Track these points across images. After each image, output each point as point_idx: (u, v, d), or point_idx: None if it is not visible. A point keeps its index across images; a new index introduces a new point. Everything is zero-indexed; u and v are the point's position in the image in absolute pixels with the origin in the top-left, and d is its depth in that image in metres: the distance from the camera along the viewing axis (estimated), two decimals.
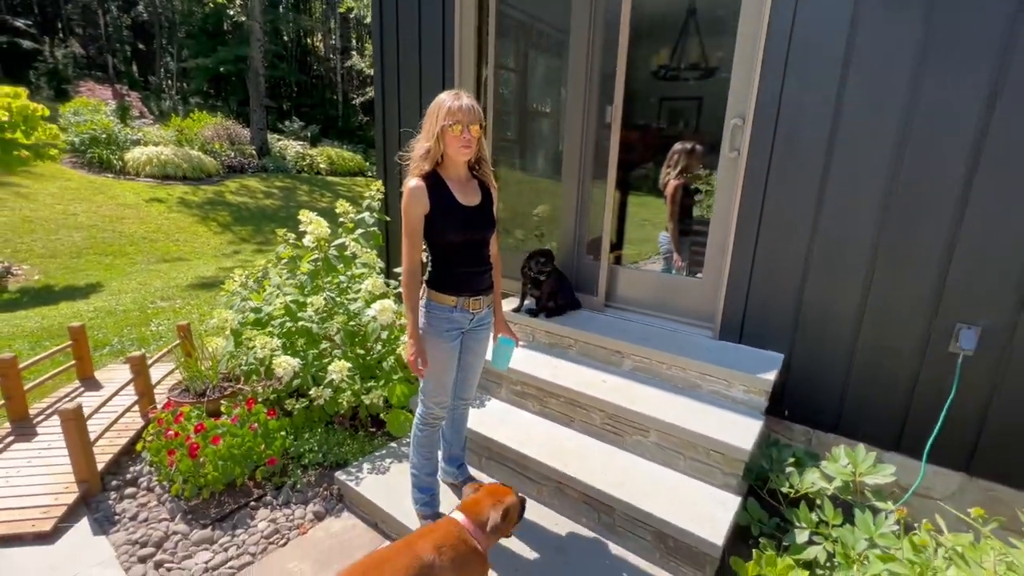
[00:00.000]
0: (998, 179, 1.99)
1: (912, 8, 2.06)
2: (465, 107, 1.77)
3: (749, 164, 2.53)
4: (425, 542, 1.54)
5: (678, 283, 3.12)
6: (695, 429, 2.22)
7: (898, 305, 2.26)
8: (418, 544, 1.54)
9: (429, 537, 1.57)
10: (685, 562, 1.98)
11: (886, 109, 2.16)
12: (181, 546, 2.19)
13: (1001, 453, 2.12)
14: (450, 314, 1.92)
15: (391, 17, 3.92)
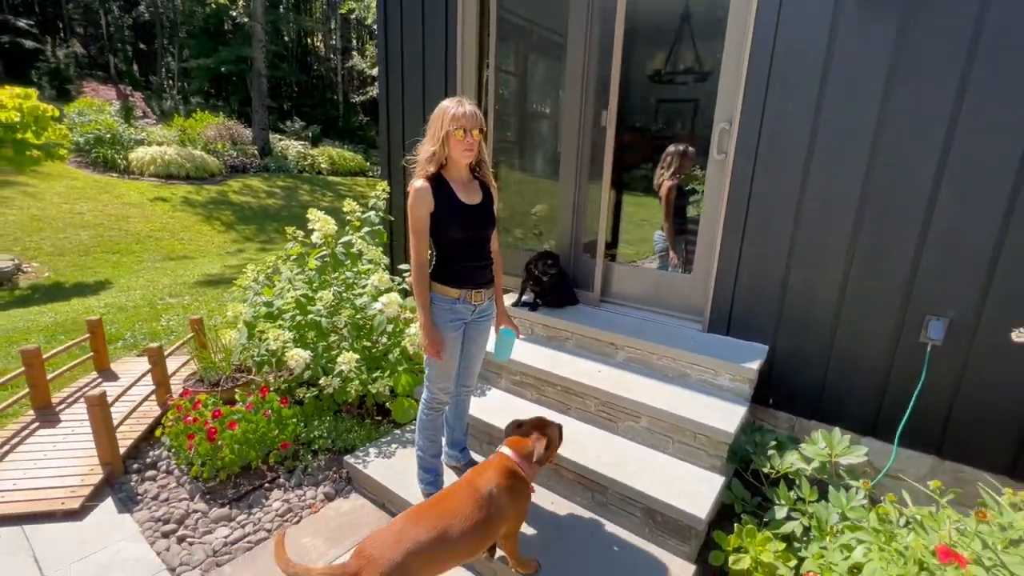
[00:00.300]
0: (963, 181, 2.15)
1: (885, 22, 2.21)
2: (468, 113, 1.92)
3: (735, 166, 2.68)
4: (481, 478, 1.80)
5: (670, 279, 3.27)
6: (683, 414, 2.37)
7: (872, 298, 2.41)
8: (476, 480, 1.80)
9: (484, 474, 1.83)
10: (672, 536, 2.13)
11: (861, 116, 2.31)
12: (201, 523, 2.34)
13: (967, 437, 2.28)
14: (453, 305, 2.07)
15: (395, 26, 4.07)
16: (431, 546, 1.56)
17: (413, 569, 1.52)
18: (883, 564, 1.60)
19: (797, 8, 2.39)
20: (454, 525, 1.63)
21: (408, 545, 1.53)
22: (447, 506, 1.69)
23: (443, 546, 1.59)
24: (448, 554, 1.64)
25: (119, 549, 2.18)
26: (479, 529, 1.67)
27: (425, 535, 1.57)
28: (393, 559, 1.48)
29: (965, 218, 2.17)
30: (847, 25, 2.29)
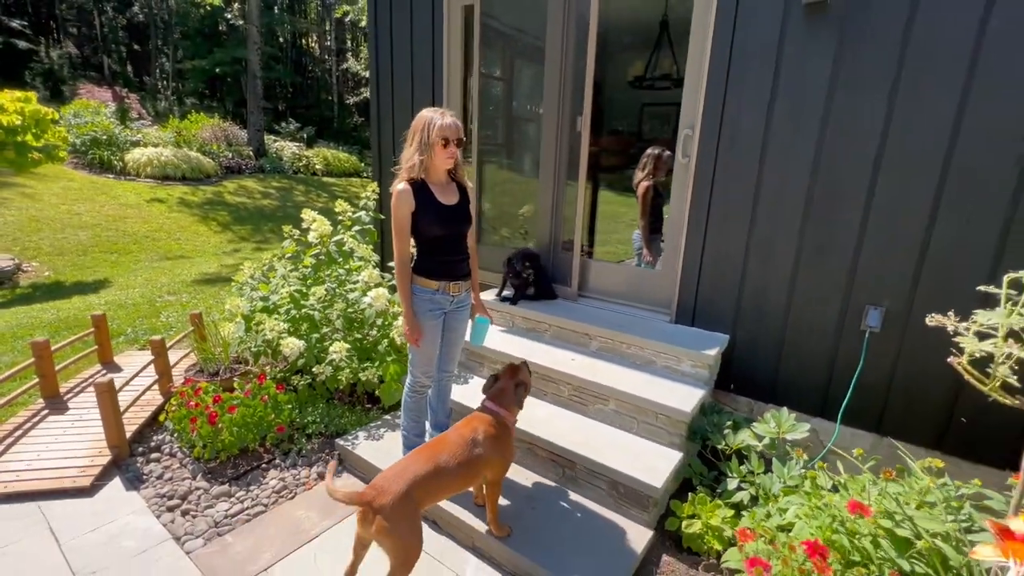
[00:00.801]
0: (895, 181, 2.37)
1: (827, 37, 2.43)
2: (451, 125, 2.14)
3: (698, 169, 2.91)
4: (467, 427, 2.09)
5: (641, 274, 3.49)
6: (647, 397, 2.59)
7: (819, 290, 2.63)
8: (463, 428, 2.09)
9: (471, 423, 2.12)
10: (633, 505, 2.34)
11: (806, 122, 2.54)
12: (203, 499, 2.54)
13: (901, 415, 2.50)
14: (433, 296, 2.28)
15: (385, 35, 4.28)
16: (428, 478, 1.87)
17: (415, 496, 1.82)
18: (807, 520, 1.82)
19: (750, 24, 2.62)
20: (447, 462, 1.94)
21: (410, 478, 1.83)
22: (441, 448, 1.99)
23: (438, 479, 1.91)
24: (442, 485, 1.94)
25: (128, 521, 2.37)
26: (467, 466, 1.98)
27: (423, 470, 1.87)
28: (399, 488, 1.78)
29: (898, 215, 2.39)
30: (793, 40, 2.52)
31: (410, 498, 1.80)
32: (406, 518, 1.79)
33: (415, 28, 4.10)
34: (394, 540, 1.77)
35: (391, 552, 1.79)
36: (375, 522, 1.74)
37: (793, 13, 2.49)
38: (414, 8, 4.07)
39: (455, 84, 4.05)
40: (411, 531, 1.82)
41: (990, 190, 2.19)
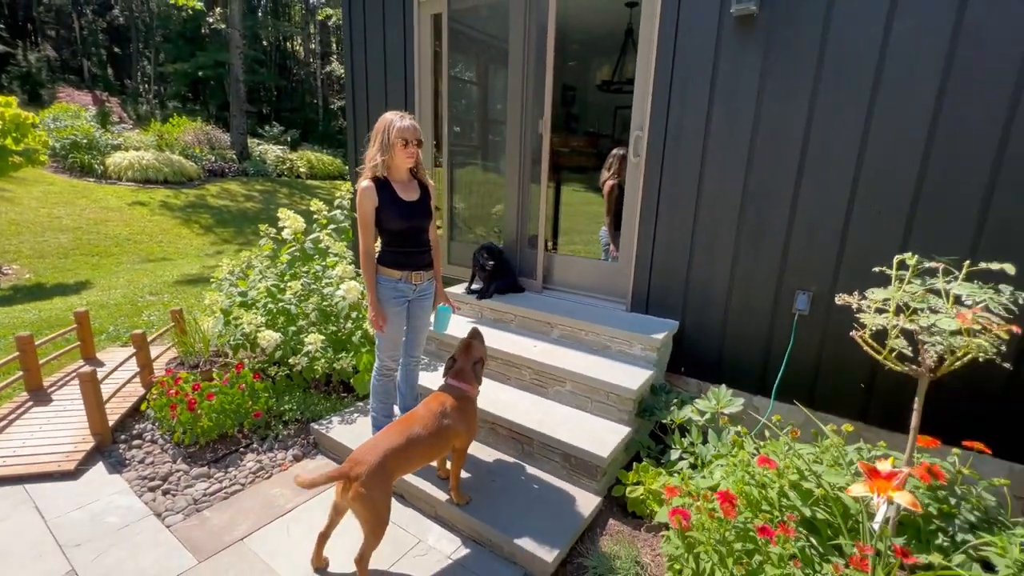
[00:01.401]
0: (816, 178, 2.62)
1: (754, 50, 2.68)
2: (409, 127, 2.33)
3: (647, 168, 3.14)
4: (434, 402, 2.31)
5: (601, 267, 3.72)
6: (600, 378, 2.80)
7: (755, 277, 2.87)
8: (431, 403, 2.30)
9: (436, 398, 2.33)
10: (583, 475, 2.55)
11: (739, 126, 2.78)
12: (183, 479, 2.69)
13: (828, 390, 2.75)
14: (396, 285, 2.47)
15: (360, 42, 4.47)
16: (400, 450, 2.06)
17: (390, 467, 2.01)
18: (728, 478, 2.05)
19: (688, 37, 2.86)
20: (418, 434, 2.15)
21: (384, 449, 2.02)
22: (412, 422, 2.20)
23: (410, 449, 2.10)
24: (414, 455, 2.14)
25: (111, 500, 2.52)
26: (436, 436, 2.20)
27: (396, 442, 2.07)
28: (374, 459, 1.97)
29: (820, 209, 2.64)
30: (727, 52, 2.76)
31: (384, 468, 1.98)
32: (380, 486, 1.96)
33: (387, 35, 4.29)
34: (367, 506, 1.94)
35: (364, 518, 1.96)
36: (352, 489, 1.91)
37: (726, 27, 2.74)
38: (386, 16, 4.26)
39: (426, 88, 4.25)
40: (383, 499, 1.99)
41: (897, 186, 2.44)
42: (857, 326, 1.94)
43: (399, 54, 4.25)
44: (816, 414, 2.82)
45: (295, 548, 2.25)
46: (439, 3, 3.91)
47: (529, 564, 2.15)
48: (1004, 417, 2.36)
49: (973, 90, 2.23)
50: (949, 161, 2.32)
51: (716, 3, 2.75)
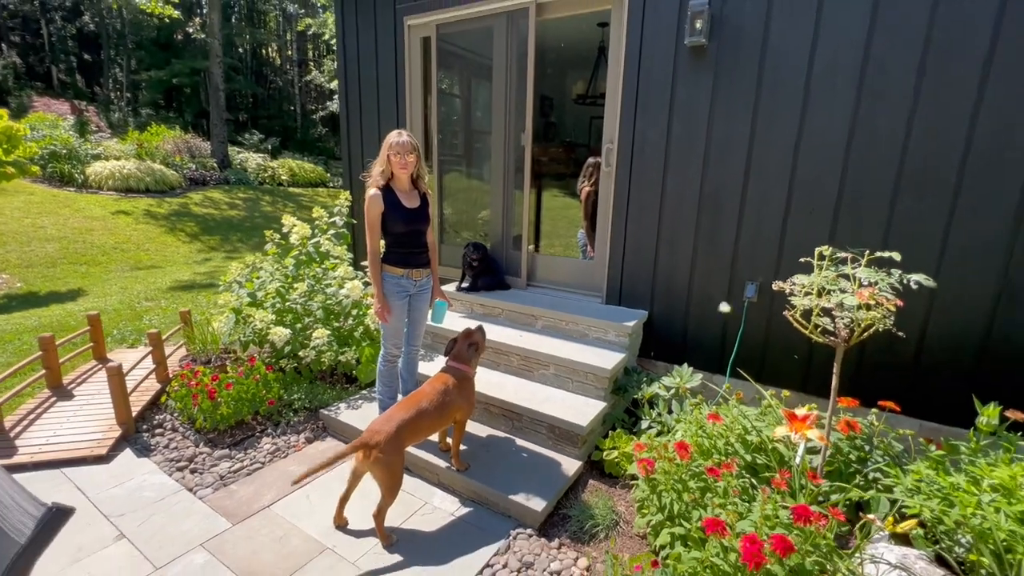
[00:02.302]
0: (760, 186, 3.07)
1: (705, 72, 3.12)
2: (403, 142, 2.70)
3: (617, 176, 3.56)
4: (438, 380, 2.68)
5: (579, 265, 4.12)
6: (579, 360, 3.20)
7: (712, 270, 3.31)
8: (435, 381, 2.67)
9: (439, 377, 2.70)
10: (567, 443, 2.93)
11: (695, 138, 3.22)
12: (207, 460, 2.99)
13: (775, 366, 3.19)
14: (399, 281, 2.83)
15: (353, 62, 4.81)
16: (411, 421, 2.41)
17: (403, 435, 2.36)
18: (685, 434, 2.45)
19: (650, 62, 3.29)
20: (425, 407, 2.51)
21: (397, 421, 2.37)
22: (420, 398, 2.56)
23: (419, 420, 2.46)
24: (422, 426, 2.49)
25: (144, 479, 2.80)
26: (441, 408, 2.56)
27: (407, 414, 2.43)
28: (390, 429, 2.32)
29: (763, 211, 3.09)
30: (683, 75, 3.20)
31: (399, 436, 2.34)
32: (395, 452, 2.32)
33: (379, 55, 4.64)
34: (384, 469, 2.29)
35: (382, 479, 2.31)
36: (372, 455, 2.26)
37: (681, 55, 3.18)
38: (378, 39, 4.62)
39: (416, 103, 4.61)
40: (398, 462, 2.34)
41: (824, 190, 2.91)
42: (789, 307, 2.38)
43: (391, 73, 4.61)
44: (764, 387, 3.27)
45: (316, 512, 2.58)
46: (428, 28, 4.28)
47: (522, 516, 2.51)
48: (913, 382, 2.83)
49: (878, 110, 2.71)
50: (863, 169, 2.79)
51: (672, 35, 3.19)
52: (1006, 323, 2.58)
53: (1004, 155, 2.48)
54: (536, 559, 2.28)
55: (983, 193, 2.55)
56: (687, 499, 2.10)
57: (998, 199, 2.52)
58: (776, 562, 1.73)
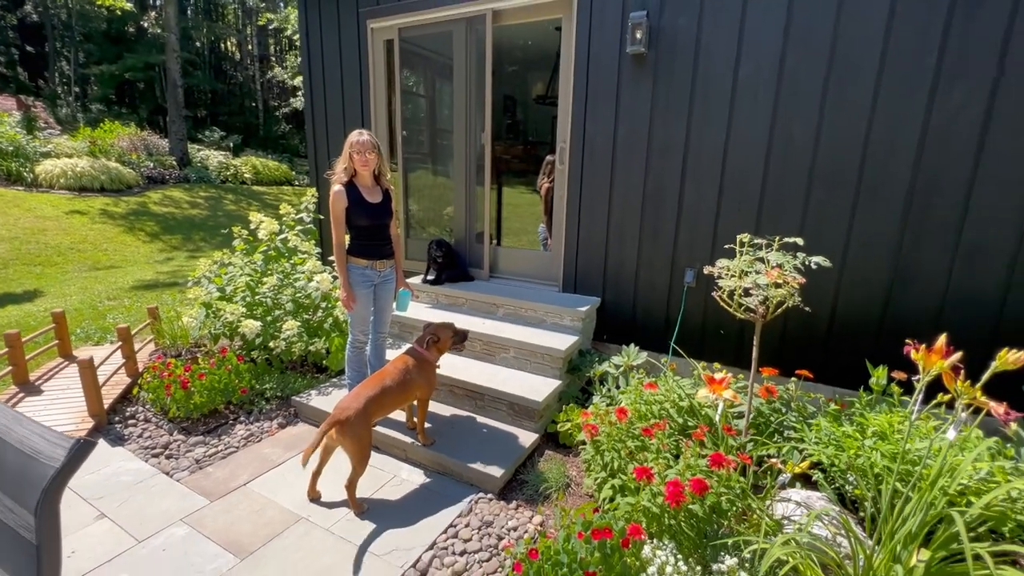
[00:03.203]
0: (696, 183, 3.41)
1: (647, 79, 3.43)
2: (363, 141, 2.90)
3: (570, 174, 3.84)
4: (400, 360, 2.90)
5: (538, 256, 4.40)
6: (536, 343, 3.47)
7: (655, 260, 3.63)
8: (396, 362, 2.89)
9: (401, 358, 2.91)
10: (525, 418, 3.20)
11: (638, 142, 3.53)
12: (182, 447, 3.11)
13: (713, 344, 3.54)
14: (364, 271, 3.04)
15: (317, 62, 4.93)
16: (377, 396, 2.63)
17: (371, 410, 2.57)
18: (628, 402, 2.75)
19: (597, 67, 3.58)
20: (388, 384, 2.73)
21: (364, 397, 2.58)
22: (383, 376, 2.77)
23: (383, 396, 2.67)
24: (387, 400, 2.70)
25: (120, 465, 2.92)
26: (403, 385, 2.79)
27: (372, 391, 2.63)
28: (357, 405, 2.53)
29: (699, 205, 3.43)
30: (626, 79, 3.50)
31: (366, 411, 2.55)
32: (364, 426, 2.53)
33: (343, 56, 4.79)
34: (354, 442, 2.50)
35: (352, 451, 2.52)
36: (343, 431, 2.46)
37: (625, 62, 3.48)
38: (342, 40, 4.76)
39: (380, 102, 4.77)
40: (367, 435, 2.56)
41: (750, 185, 3.26)
42: (718, 290, 2.70)
43: (355, 73, 4.76)
44: (704, 362, 3.62)
45: (291, 488, 2.76)
46: (390, 31, 4.46)
47: (483, 483, 2.76)
48: (825, 354, 3.22)
49: (793, 116, 3.07)
50: (782, 166, 3.15)
51: (616, 43, 3.49)
52: (898, 301, 2.99)
53: (892, 156, 2.87)
54: (495, 519, 2.54)
55: (877, 189, 2.94)
56: (624, 455, 2.39)
57: (889, 195, 2.91)
58: (695, 501, 2.03)
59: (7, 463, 1.06)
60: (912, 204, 2.87)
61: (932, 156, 2.79)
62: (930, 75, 2.72)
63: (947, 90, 2.70)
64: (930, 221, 2.85)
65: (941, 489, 1.84)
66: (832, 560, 1.83)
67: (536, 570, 1.98)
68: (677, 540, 2.08)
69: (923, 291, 2.91)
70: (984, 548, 1.53)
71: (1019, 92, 2.57)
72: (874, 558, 1.78)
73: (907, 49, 2.75)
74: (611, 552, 1.97)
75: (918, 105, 2.77)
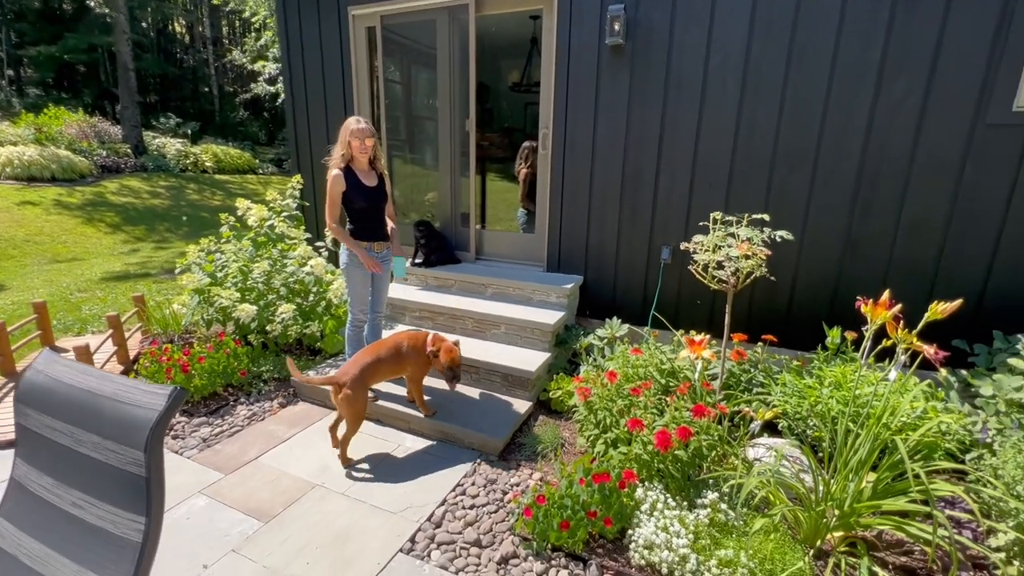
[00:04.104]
0: (670, 166, 3.67)
1: (624, 71, 3.65)
2: (363, 129, 3.02)
3: (553, 159, 4.04)
4: (398, 336, 3.06)
5: (522, 238, 4.60)
6: (526, 319, 3.69)
7: (634, 239, 3.90)
8: (395, 336, 3.06)
9: (400, 334, 3.07)
10: (518, 387, 3.43)
11: (617, 127, 3.76)
12: (187, 427, 3.19)
13: (687, 315, 3.84)
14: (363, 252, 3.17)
15: (297, 51, 4.93)
16: (372, 364, 2.84)
17: (366, 375, 2.78)
18: (615, 366, 3.01)
19: (578, 57, 3.78)
20: (383, 355, 2.92)
21: (361, 364, 2.79)
22: (379, 347, 2.97)
23: (378, 364, 2.88)
24: (381, 368, 2.92)
25: None
26: (395, 359, 2.99)
27: (369, 359, 2.85)
28: (355, 371, 2.74)
29: (673, 187, 3.70)
30: (605, 71, 3.72)
31: (362, 376, 2.76)
32: (359, 389, 2.75)
33: (324, 45, 4.81)
34: (349, 404, 2.72)
35: (346, 412, 2.75)
36: (341, 392, 2.67)
37: (604, 53, 3.69)
38: (322, 28, 4.77)
39: (363, 90, 4.83)
40: (362, 398, 2.78)
41: (719, 168, 3.54)
42: (693, 263, 2.98)
43: (336, 61, 4.79)
44: (680, 331, 3.93)
45: (301, 461, 2.90)
46: (372, 18, 4.51)
47: (484, 447, 2.98)
48: (788, 320, 3.57)
49: (758, 102, 3.36)
50: (748, 150, 3.45)
51: (595, 34, 3.69)
52: (850, 270, 3.35)
53: (844, 140, 3.21)
54: (499, 477, 2.76)
55: (832, 170, 3.27)
56: (615, 412, 2.65)
57: (842, 174, 3.25)
58: (680, 447, 2.31)
59: (104, 413, 1.19)
60: (861, 183, 3.22)
61: (878, 140, 3.13)
62: (875, 68, 3.05)
63: (891, 82, 3.04)
64: (877, 198, 3.20)
65: (885, 425, 2.17)
66: (797, 490, 2.14)
67: (544, 513, 2.22)
68: (665, 482, 2.36)
69: (871, 259, 3.28)
70: (920, 467, 1.85)
71: (949, 86, 2.93)
72: (831, 484, 2.10)
73: (856, 44, 3.07)
74: (609, 493, 2.23)
75: (866, 95, 3.10)
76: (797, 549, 2.06)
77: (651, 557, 2.06)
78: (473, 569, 2.15)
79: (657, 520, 2.15)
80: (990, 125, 2.90)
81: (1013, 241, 2.96)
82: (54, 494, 1.26)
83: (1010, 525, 1.90)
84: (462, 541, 2.30)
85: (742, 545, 2.04)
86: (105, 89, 23.82)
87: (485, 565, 2.18)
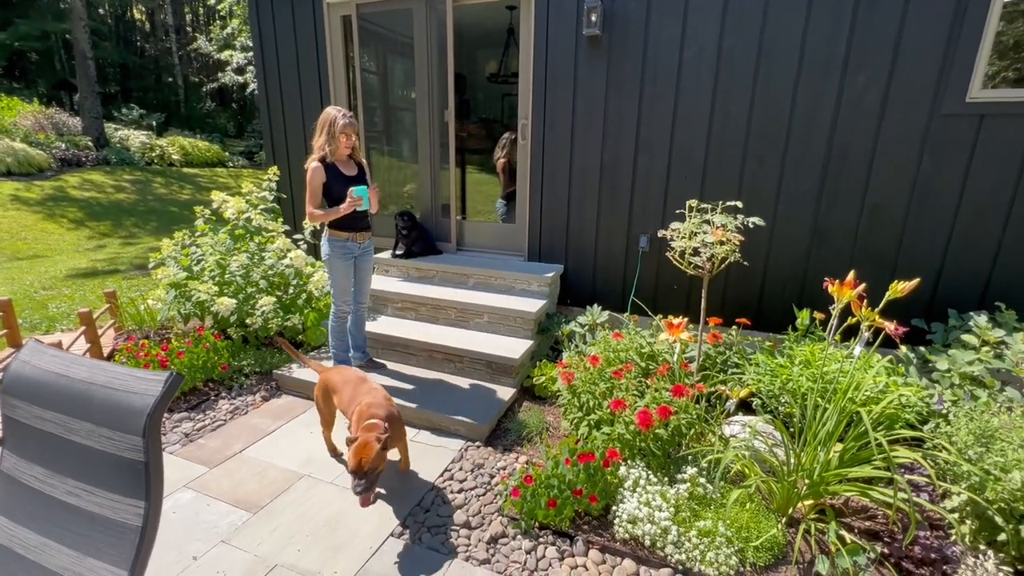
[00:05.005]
0: (648, 156, 3.75)
1: (601, 60, 3.71)
2: (350, 123, 3.01)
3: (532, 149, 4.08)
4: (368, 414, 2.36)
5: (503, 229, 4.64)
6: (508, 307, 3.74)
7: (613, 227, 3.98)
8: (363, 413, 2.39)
9: (369, 425, 2.29)
10: (502, 375, 3.48)
11: (594, 116, 3.82)
12: (168, 423, 3.15)
13: (665, 300, 3.96)
14: (344, 244, 3.16)
15: (270, 41, 4.83)
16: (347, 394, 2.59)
17: (328, 394, 2.71)
18: (597, 351, 3.09)
19: (556, 48, 3.82)
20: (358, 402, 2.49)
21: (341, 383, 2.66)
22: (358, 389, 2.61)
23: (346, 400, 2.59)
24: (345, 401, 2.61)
25: None
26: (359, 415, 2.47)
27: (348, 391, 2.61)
28: (324, 378, 2.72)
29: (650, 176, 3.79)
30: (583, 60, 3.77)
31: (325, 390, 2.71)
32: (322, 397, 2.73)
33: (298, 34, 4.72)
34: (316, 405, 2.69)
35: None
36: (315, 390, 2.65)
37: (581, 43, 3.73)
38: (296, 17, 4.68)
39: (340, 81, 4.77)
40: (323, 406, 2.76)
41: (694, 158, 3.64)
42: (670, 250, 3.07)
43: (311, 51, 4.71)
44: (659, 316, 4.04)
45: (285, 452, 2.90)
46: (348, 7, 4.45)
47: (470, 433, 3.03)
48: (761, 304, 3.71)
49: (730, 92, 3.46)
50: (722, 139, 3.55)
51: (573, 25, 3.73)
52: (817, 254, 3.50)
53: (811, 130, 3.34)
54: (485, 461, 2.82)
55: (800, 159, 3.40)
56: (597, 395, 2.73)
57: (809, 163, 3.39)
58: (660, 425, 2.40)
59: (96, 401, 1.20)
60: (828, 171, 3.36)
61: (843, 132, 3.27)
62: (840, 62, 3.18)
63: (854, 75, 3.17)
64: (842, 186, 3.35)
65: (850, 399, 2.30)
66: (770, 463, 2.26)
67: (532, 493, 2.29)
68: (647, 460, 2.45)
69: (837, 244, 3.44)
70: (883, 436, 1.98)
71: (909, 78, 3.08)
72: (802, 455, 2.22)
73: (821, 39, 3.19)
74: (594, 472, 2.31)
75: (831, 87, 3.23)
76: (771, 518, 2.18)
77: (635, 531, 2.15)
78: (463, 549, 2.21)
79: (640, 496, 2.24)
80: (946, 115, 3.06)
81: (967, 225, 3.14)
82: (47, 484, 1.26)
83: (963, 487, 2.05)
84: (452, 524, 2.35)
85: (720, 516, 2.15)
86: (62, 79, 22.74)
87: (475, 545, 2.24)
